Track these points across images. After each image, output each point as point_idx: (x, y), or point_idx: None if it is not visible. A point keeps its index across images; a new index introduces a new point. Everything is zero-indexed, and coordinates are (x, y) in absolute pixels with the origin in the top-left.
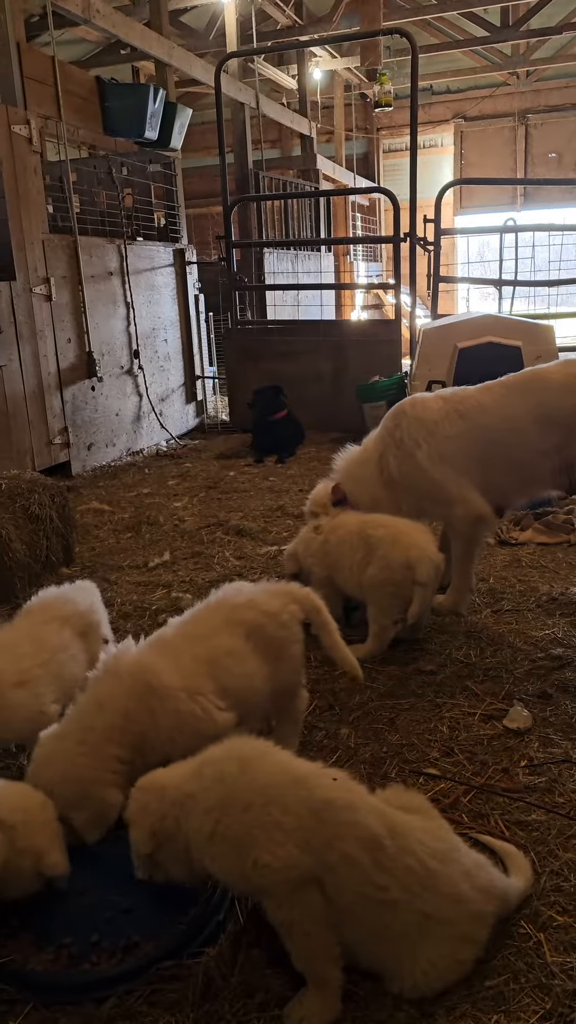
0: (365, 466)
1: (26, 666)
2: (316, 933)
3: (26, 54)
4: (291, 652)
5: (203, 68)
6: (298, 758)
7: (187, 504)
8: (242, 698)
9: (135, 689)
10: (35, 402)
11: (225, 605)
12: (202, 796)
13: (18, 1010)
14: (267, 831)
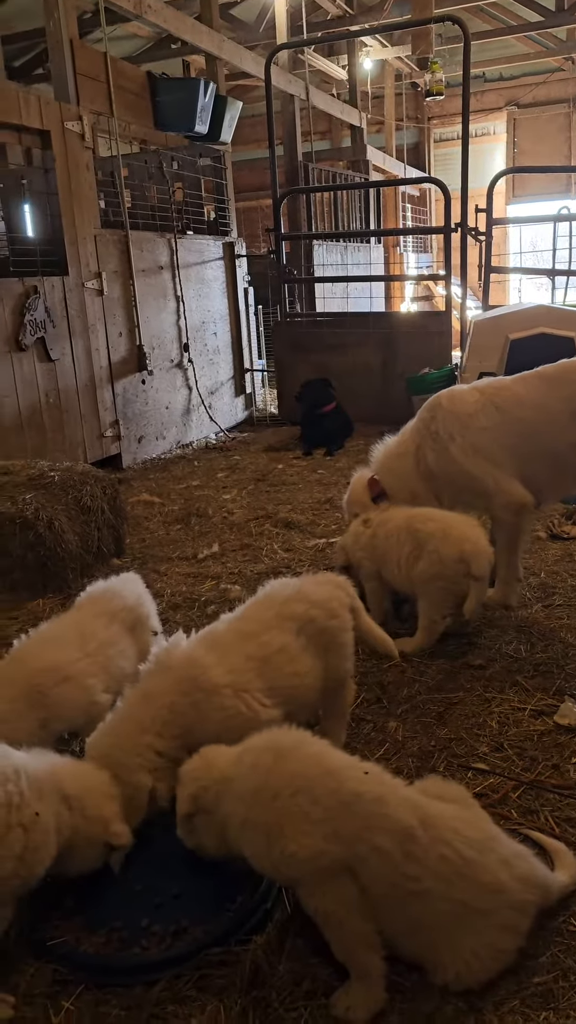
0: (402, 459)
1: (74, 659)
2: (351, 923)
3: (79, 51)
4: (342, 641)
5: (253, 61)
6: (335, 751)
7: (236, 496)
8: (292, 696)
9: (182, 684)
10: (87, 395)
11: (275, 600)
12: (238, 783)
13: (71, 990)
14: (294, 821)
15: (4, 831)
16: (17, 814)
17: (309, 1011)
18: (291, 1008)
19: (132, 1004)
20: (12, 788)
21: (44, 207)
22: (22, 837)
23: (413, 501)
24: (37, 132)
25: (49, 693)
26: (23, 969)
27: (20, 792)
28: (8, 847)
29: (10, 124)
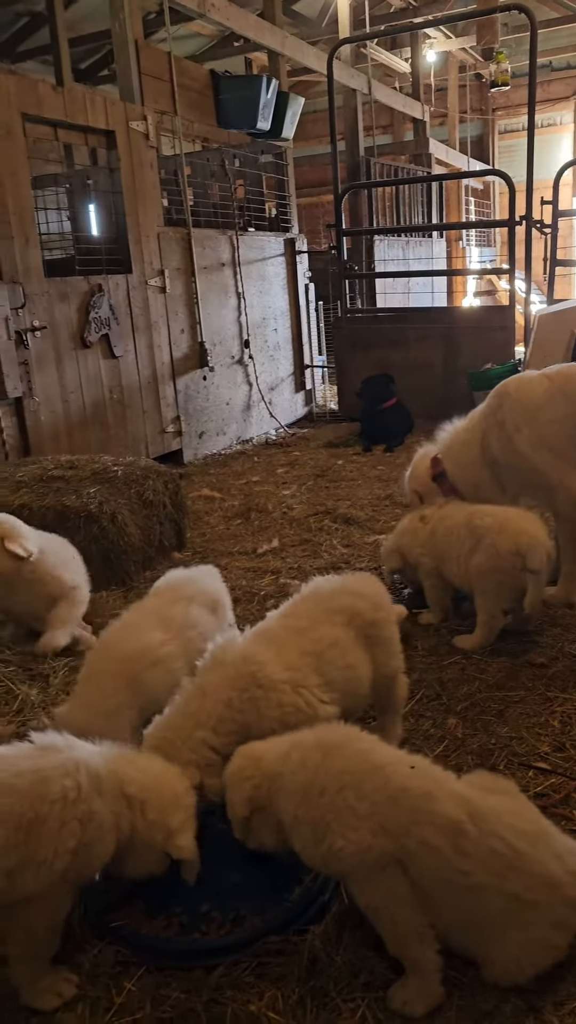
0: (468, 447)
1: (159, 642)
2: (401, 917)
3: (143, 51)
4: (388, 634)
5: (316, 56)
6: (383, 746)
7: (295, 492)
8: (347, 690)
9: (239, 680)
10: (150, 392)
11: (321, 595)
12: (288, 779)
13: (132, 972)
14: (341, 816)
15: (58, 825)
16: (73, 809)
17: (367, 1003)
18: (348, 999)
19: (191, 987)
20: (69, 783)
21: (109, 206)
22: (77, 832)
23: (476, 491)
24: (103, 132)
25: (142, 678)
26: (87, 950)
27: (78, 786)
28: (63, 842)
29: (77, 125)
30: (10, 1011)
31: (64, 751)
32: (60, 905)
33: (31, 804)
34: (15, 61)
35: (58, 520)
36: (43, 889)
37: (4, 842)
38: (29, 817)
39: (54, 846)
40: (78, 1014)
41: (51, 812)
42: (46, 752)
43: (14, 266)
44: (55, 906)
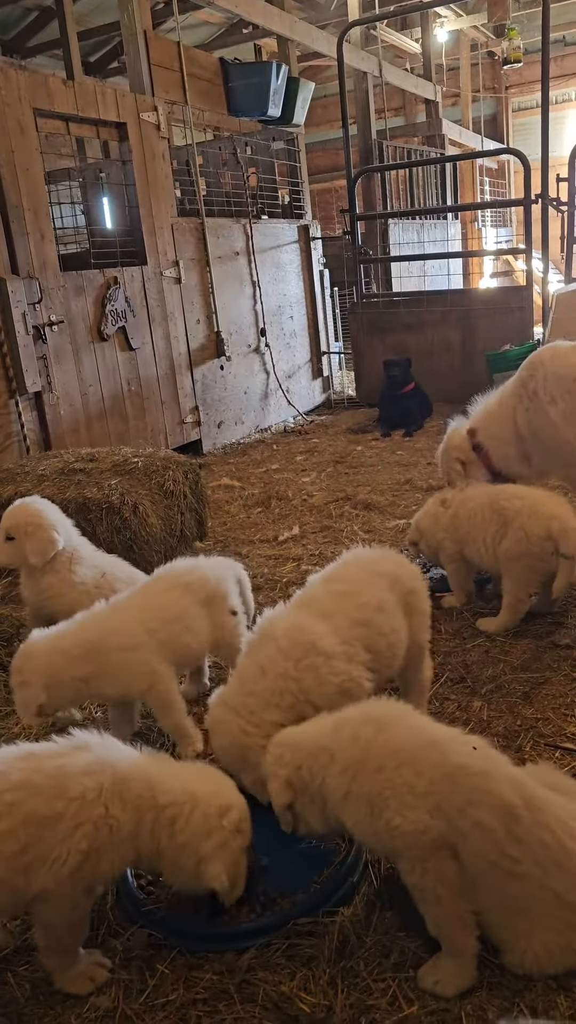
0: (502, 424)
1: (135, 631)
2: (449, 899)
3: (152, 42)
4: (424, 606)
5: (325, 40)
6: (438, 724)
7: (315, 479)
8: (389, 656)
9: (295, 650)
10: (167, 383)
11: (364, 560)
12: (339, 755)
13: (164, 955)
14: (398, 793)
15: (73, 825)
16: (87, 810)
17: (397, 983)
18: (379, 979)
19: (224, 969)
20: (90, 783)
21: (122, 198)
22: (91, 834)
23: (506, 465)
24: (114, 125)
25: (108, 659)
26: (119, 933)
27: (99, 788)
28: (76, 842)
29: (89, 118)
30: (45, 994)
31: (95, 751)
32: (76, 905)
33: (48, 801)
34: (25, 56)
35: (80, 512)
36: (55, 887)
37: (26, 840)
38: (46, 813)
39: (67, 845)
40: (111, 997)
41: (67, 810)
42: (76, 751)
43: (30, 261)
44: (71, 905)
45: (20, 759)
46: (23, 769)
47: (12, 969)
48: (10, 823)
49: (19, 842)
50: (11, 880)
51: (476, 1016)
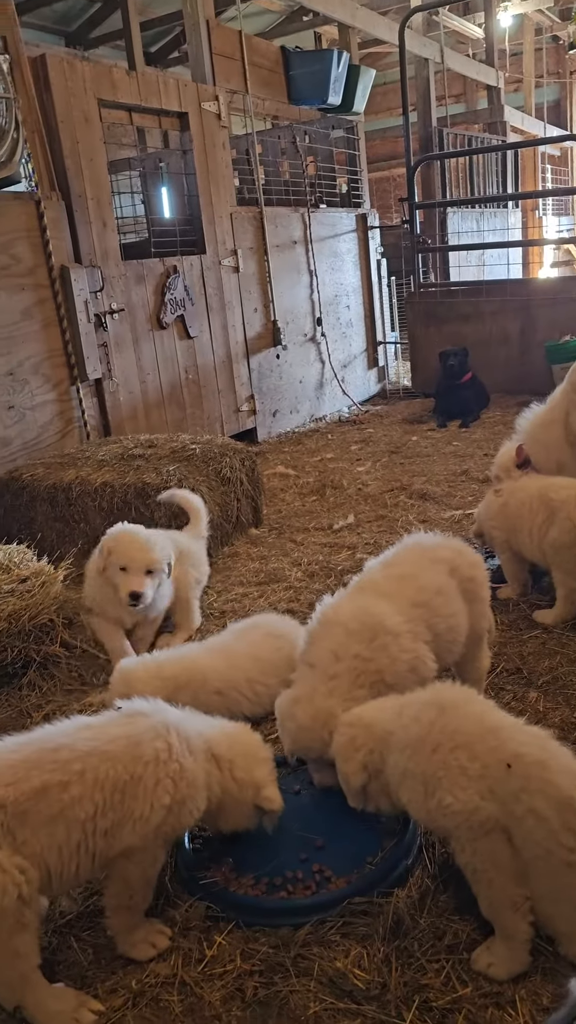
0: (549, 428)
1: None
2: (500, 882)
3: (215, 31)
4: (484, 593)
5: (387, 27)
6: (500, 712)
7: (370, 469)
8: (450, 640)
9: (364, 631)
10: (224, 371)
11: (424, 545)
12: (400, 734)
13: (222, 927)
14: (452, 774)
15: (153, 783)
16: (164, 768)
17: (451, 964)
18: (432, 960)
19: (279, 943)
20: (160, 744)
21: (181, 188)
22: (171, 789)
23: (560, 472)
24: (176, 114)
25: None
26: (178, 905)
27: (168, 747)
28: (158, 798)
29: (151, 108)
30: (107, 959)
31: (152, 716)
32: (155, 859)
33: (126, 766)
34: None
35: (139, 497)
36: (140, 842)
37: (103, 804)
38: (124, 779)
39: (149, 802)
40: (171, 964)
41: (145, 772)
42: (135, 718)
43: (92, 250)
44: (150, 860)
45: (83, 729)
46: (90, 739)
47: (76, 934)
48: (81, 789)
49: (93, 806)
50: (88, 842)
51: (530, 1000)
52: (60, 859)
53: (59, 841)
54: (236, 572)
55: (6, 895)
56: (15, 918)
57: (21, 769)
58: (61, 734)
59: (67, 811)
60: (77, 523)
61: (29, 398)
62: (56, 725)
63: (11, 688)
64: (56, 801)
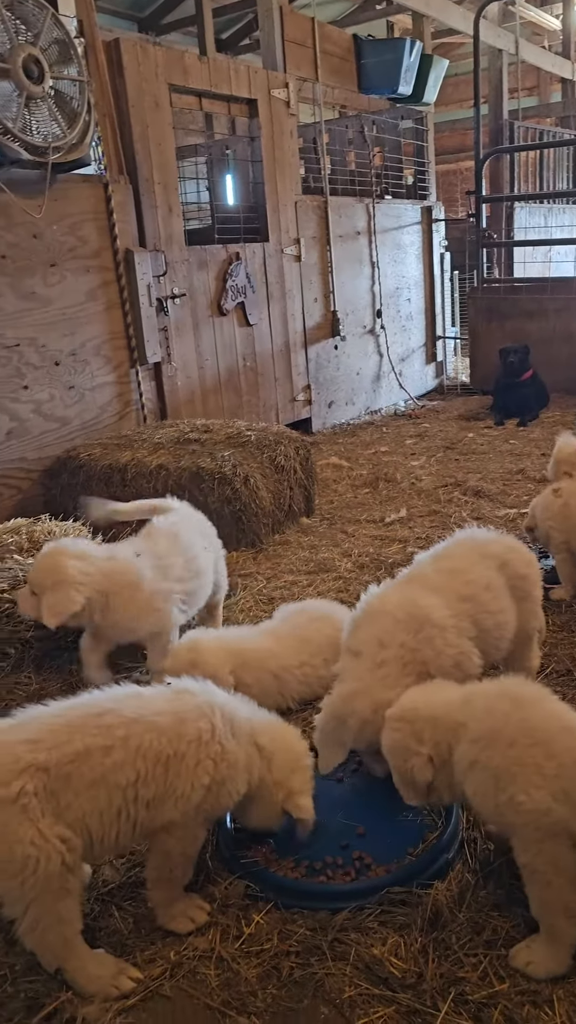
0: None
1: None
2: (558, 885)
3: (287, 18)
4: (535, 593)
5: (461, 16)
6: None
7: (424, 463)
8: (496, 637)
9: (411, 622)
10: (282, 360)
11: (475, 540)
12: (472, 725)
13: (260, 907)
14: (526, 771)
15: (194, 763)
16: (206, 748)
17: (489, 959)
18: (471, 953)
19: (317, 927)
20: (204, 724)
21: (246, 175)
22: (211, 770)
23: None
24: (245, 101)
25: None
26: (218, 882)
27: (212, 728)
28: (198, 778)
29: (221, 94)
30: (147, 930)
31: (199, 695)
32: (195, 836)
33: (170, 740)
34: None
35: (193, 481)
36: (180, 819)
37: (145, 773)
38: (168, 753)
39: (190, 781)
40: (209, 939)
41: (188, 750)
42: (182, 695)
43: (157, 235)
44: (190, 836)
45: (131, 697)
46: (136, 707)
47: (117, 903)
48: (123, 755)
49: (135, 772)
50: (128, 809)
51: (568, 1000)
52: (101, 824)
53: (100, 806)
54: (286, 560)
55: (50, 862)
56: (59, 884)
57: (64, 733)
58: (108, 699)
59: (108, 776)
60: None
61: (89, 379)
62: (104, 691)
63: (61, 662)
64: (98, 765)
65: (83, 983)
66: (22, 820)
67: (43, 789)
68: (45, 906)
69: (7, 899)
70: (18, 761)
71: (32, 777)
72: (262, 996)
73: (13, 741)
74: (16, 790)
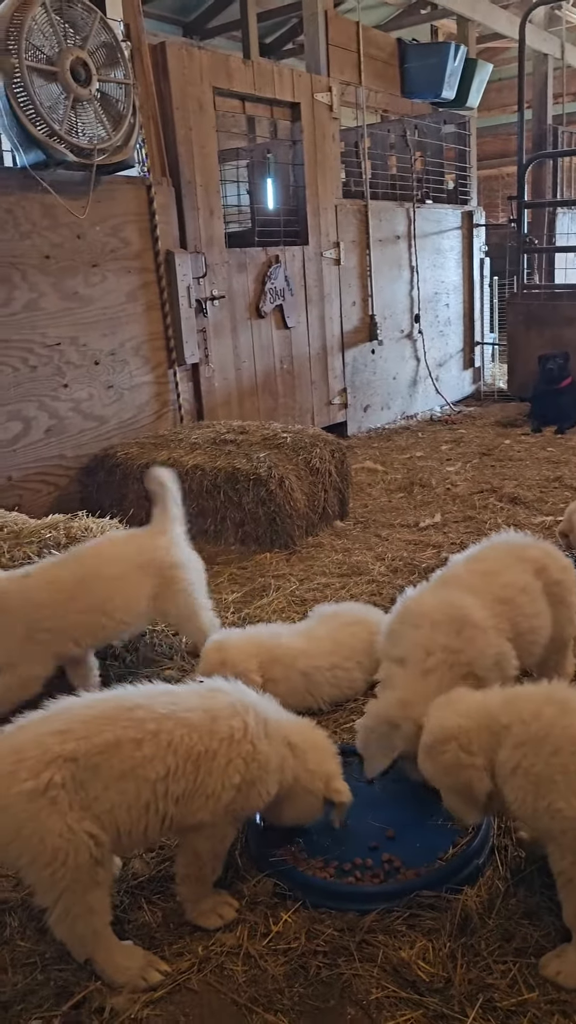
0: None
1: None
2: None
3: (332, 21)
4: (571, 599)
5: (507, 20)
6: None
7: (460, 469)
8: (531, 641)
9: (452, 624)
10: (318, 363)
11: (511, 543)
12: (516, 729)
13: (288, 905)
14: (569, 779)
15: (225, 762)
16: (237, 747)
17: (518, 967)
18: (500, 960)
19: (345, 927)
20: (237, 723)
21: (286, 178)
22: (242, 769)
23: None
24: (288, 104)
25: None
26: (247, 879)
27: (244, 727)
28: (229, 777)
29: (264, 97)
30: (175, 924)
31: (231, 694)
32: (224, 836)
33: (201, 737)
34: (204, 38)
35: (228, 482)
36: (210, 818)
37: (175, 768)
38: (200, 750)
39: (221, 780)
40: (236, 935)
41: (219, 748)
42: (215, 693)
43: (198, 236)
44: (220, 836)
45: (163, 694)
46: (168, 703)
47: (147, 896)
48: (154, 749)
49: (165, 768)
50: (157, 804)
51: None
52: (129, 817)
53: (129, 799)
54: (319, 562)
55: (79, 854)
56: (89, 875)
57: (95, 724)
58: (140, 695)
59: (138, 769)
60: None
61: (128, 379)
62: (136, 687)
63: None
64: (128, 758)
65: (112, 973)
66: (51, 812)
67: (71, 779)
68: (75, 897)
69: (38, 889)
70: (47, 752)
71: (60, 768)
72: (289, 994)
73: (43, 732)
74: (45, 782)
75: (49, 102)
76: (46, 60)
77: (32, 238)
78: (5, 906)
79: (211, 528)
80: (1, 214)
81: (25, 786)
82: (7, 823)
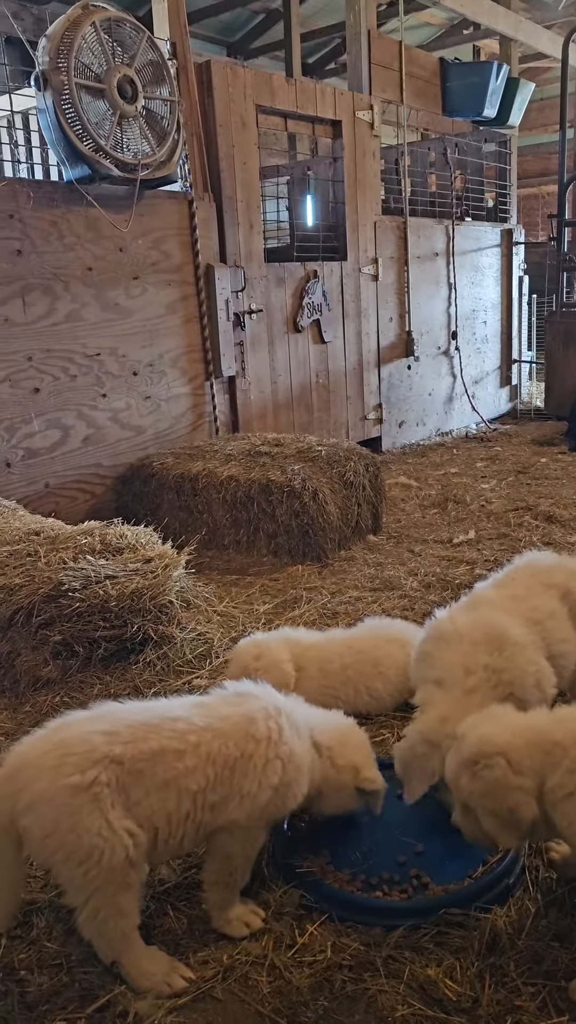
0: None
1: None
2: None
3: (375, 41)
4: None
5: (550, 40)
6: None
7: (495, 487)
8: (560, 664)
9: (491, 643)
10: (354, 378)
11: (537, 567)
12: (573, 752)
13: (314, 917)
14: None
15: (263, 763)
16: (276, 748)
17: (548, 990)
18: (529, 982)
19: (371, 942)
20: (273, 724)
21: (326, 195)
22: (279, 769)
23: None
24: (330, 122)
25: None
26: (273, 890)
27: (280, 728)
28: (267, 777)
29: (306, 115)
30: (201, 931)
31: (263, 698)
32: (256, 839)
33: (237, 743)
34: (248, 58)
35: (262, 494)
36: (245, 820)
37: (214, 778)
38: (236, 756)
39: (258, 780)
40: (262, 945)
41: (257, 750)
42: (246, 698)
43: (238, 251)
44: (252, 840)
45: (197, 707)
46: (204, 715)
47: (172, 903)
48: (195, 761)
49: (206, 779)
50: (196, 814)
51: None
52: (168, 826)
53: (169, 808)
54: (351, 576)
55: (115, 854)
56: (122, 877)
57: (140, 730)
58: (179, 707)
59: (180, 780)
60: (200, 513)
61: (165, 390)
62: (171, 700)
63: (127, 664)
64: (170, 768)
65: (136, 978)
66: (92, 809)
67: (115, 781)
68: (106, 897)
69: (69, 887)
70: (95, 750)
71: (107, 768)
72: (313, 1007)
73: (91, 731)
74: (91, 778)
75: (96, 118)
76: (94, 77)
77: (76, 250)
78: (33, 906)
79: (244, 539)
80: (46, 227)
81: (71, 780)
82: (47, 816)
